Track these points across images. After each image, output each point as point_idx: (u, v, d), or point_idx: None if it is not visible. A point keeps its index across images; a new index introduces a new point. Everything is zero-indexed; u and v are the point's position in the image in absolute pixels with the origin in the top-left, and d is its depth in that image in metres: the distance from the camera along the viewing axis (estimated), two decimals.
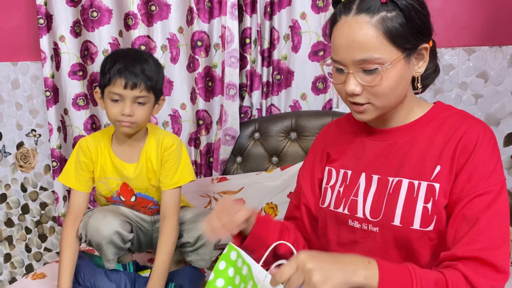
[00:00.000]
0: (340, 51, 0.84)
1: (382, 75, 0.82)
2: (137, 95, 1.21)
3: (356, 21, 0.82)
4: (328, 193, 0.99)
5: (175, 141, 1.35)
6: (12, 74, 2.15)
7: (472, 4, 1.72)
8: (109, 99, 1.23)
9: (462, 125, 0.87)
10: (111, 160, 1.33)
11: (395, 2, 0.81)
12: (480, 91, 1.76)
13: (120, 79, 1.19)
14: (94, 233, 1.26)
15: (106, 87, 1.23)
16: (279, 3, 1.79)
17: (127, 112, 1.21)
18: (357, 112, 0.89)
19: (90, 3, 1.89)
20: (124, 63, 1.20)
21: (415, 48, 0.85)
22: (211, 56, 1.82)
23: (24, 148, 2.21)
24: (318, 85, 1.83)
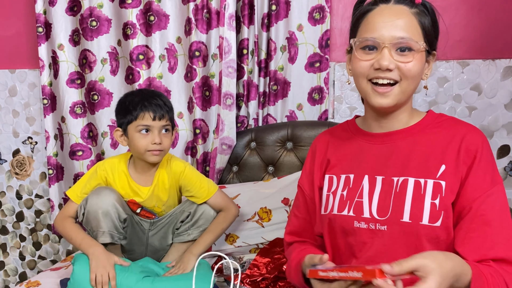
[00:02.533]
0: (380, 28, 0.89)
1: (414, 57, 0.89)
2: (164, 124, 1.37)
3: (398, 8, 0.91)
4: (330, 199, 1.00)
5: (185, 164, 1.48)
6: (10, 81, 2.15)
7: (466, 18, 1.75)
8: (136, 133, 1.36)
9: (459, 129, 0.94)
10: (129, 184, 1.44)
11: (425, 4, 0.93)
12: (474, 104, 1.78)
13: (148, 112, 1.34)
14: (93, 203, 1.34)
15: (131, 123, 1.36)
16: (276, 15, 1.81)
17: (158, 141, 1.35)
18: (381, 94, 0.91)
19: (90, 12, 1.91)
20: (147, 99, 1.36)
21: (431, 49, 0.94)
22: (209, 66, 1.84)
23: (20, 156, 2.21)
24: (314, 96, 1.85)
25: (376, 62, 0.89)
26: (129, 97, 1.41)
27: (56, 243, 2.23)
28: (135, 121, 1.35)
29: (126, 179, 1.44)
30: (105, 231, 1.35)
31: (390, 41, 0.88)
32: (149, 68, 1.91)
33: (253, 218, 1.61)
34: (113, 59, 1.95)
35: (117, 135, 1.41)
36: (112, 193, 1.37)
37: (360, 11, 0.94)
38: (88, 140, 2.00)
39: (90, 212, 1.35)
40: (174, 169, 1.45)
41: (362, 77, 0.92)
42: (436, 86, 1.79)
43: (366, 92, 0.93)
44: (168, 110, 1.38)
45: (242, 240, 1.60)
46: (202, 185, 1.46)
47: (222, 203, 1.48)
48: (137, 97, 1.38)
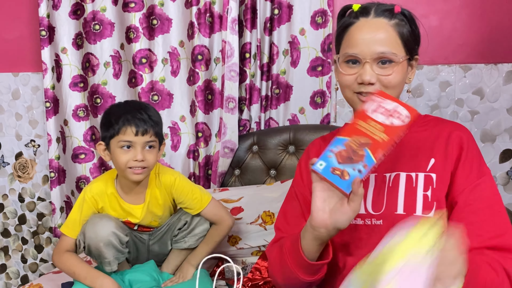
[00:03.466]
0: (360, 44, 0.93)
1: (394, 69, 0.93)
2: (147, 140, 1.28)
3: (377, 21, 0.94)
4: None
5: (174, 176, 1.41)
6: (13, 84, 2.16)
7: (468, 22, 1.76)
8: (118, 148, 1.28)
9: (446, 126, 0.98)
10: (119, 205, 1.38)
11: (404, 13, 0.96)
12: (476, 108, 1.78)
13: (130, 127, 1.25)
14: (92, 236, 1.29)
15: (113, 138, 1.28)
16: (279, 19, 1.82)
17: (140, 158, 1.26)
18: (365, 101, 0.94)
19: (93, 16, 1.92)
20: (130, 112, 1.27)
21: (411, 56, 0.98)
22: (211, 69, 1.85)
23: (22, 159, 2.21)
24: (316, 100, 1.85)
25: (359, 76, 0.93)
26: (114, 108, 1.34)
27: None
28: (117, 135, 1.27)
29: (117, 201, 1.38)
30: (110, 260, 1.32)
31: (371, 56, 0.92)
32: (152, 72, 1.91)
33: (256, 221, 1.61)
34: (116, 63, 1.96)
35: (100, 149, 1.34)
36: (108, 221, 1.31)
37: (342, 25, 0.99)
38: (91, 143, 2.01)
39: (91, 245, 1.31)
40: (164, 183, 1.39)
41: (348, 89, 0.97)
42: (438, 90, 1.80)
43: (352, 101, 0.97)
44: (154, 125, 1.29)
45: (244, 242, 1.60)
46: (194, 196, 1.41)
47: (216, 214, 1.44)
48: (122, 109, 1.30)
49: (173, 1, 1.86)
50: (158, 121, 1.32)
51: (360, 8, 0.97)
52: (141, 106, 1.31)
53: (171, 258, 1.49)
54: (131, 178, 1.30)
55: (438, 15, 1.77)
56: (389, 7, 0.96)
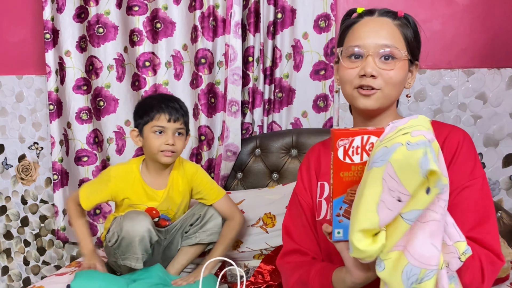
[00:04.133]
0: (364, 37, 0.95)
1: (397, 65, 0.93)
2: (178, 127, 1.41)
3: (382, 19, 0.97)
4: (323, 205, 1.02)
5: (197, 167, 1.53)
6: (17, 87, 2.17)
7: (471, 26, 1.76)
8: (151, 133, 1.40)
9: (443, 130, 0.98)
10: (143, 189, 1.45)
11: (407, 18, 0.98)
12: (479, 112, 1.78)
13: (164, 114, 1.39)
14: (129, 229, 1.34)
15: (147, 124, 1.40)
16: (282, 23, 1.82)
17: (171, 142, 1.39)
18: (365, 95, 0.95)
19: (97, 19, 1.93)
20: (164, 101, 1.41)
21: (413, 59, 0.99)
22: (214, 73, 1.85)
23: (25, 161, 2.22)
24: (319, 103, 1.85)
25: (361, 69, 0.93)
26: (148, 99, 1.48)
27: (60, 248, 2.23)
28: (151, 121, 1.40)
29: (141, 184, 1.45)
30: (139, 257, 1.35)
31: (374, 49, 0.93)
32: (155, 75, 1.92)
33: (257, 223, 1.61)
34: (119, 66, 1.96)
35: (133, 135, 1.45)
36: (146, 217, 1.36)
37: (347, 24, 1.01)
38: (94, 146, 2.01)
39: (125, 238, 1.34)
40: (187, 171, 1.49)
41: (349, 84, 0.96)
42: (441, 95, 1.80)
43: (352, 96, 0.97)
44: (184, 114, 1.43)
45: (246, 245, 1.60)
46: (212, 186, 1.51)
47: (228, 208, 1.51)
48: (155, 99, 1.43)
49: (176, 5, 1.87)
50: (187, 112, 1.45)
51: (365, 10, 0.99)
52: (174, 98, 1.46)
53: (177, 258, 1.51)
54: (161, 160, 1.40)
55: (441, 19, 1.77)
56: (392, 10, 0.98)
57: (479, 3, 1.75)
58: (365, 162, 0.75)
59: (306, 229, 1.07)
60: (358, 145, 0.76)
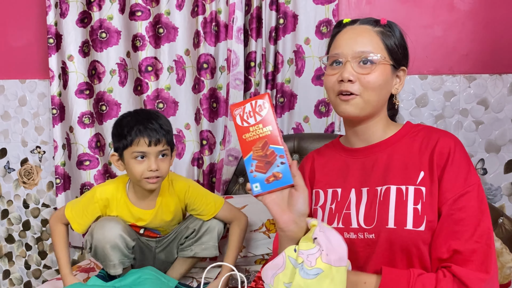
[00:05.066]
0: (343, 45, 0.98)
1: (375, 69, 0.95)
2: (160, 149, 1.30)
3: (361, 27, 0.99)
4: (319, 213, 1.03)
5: (188, 183, 1.45)
6: (20, 91, 2.18)
7: (473, 32, 1.76)
8: (132, 159, 1.29)
9: (433, 135, 0.98)
10: (129, 210, 1.39)
11: (390, 25, 1.00)
12: (481, 118, 1.78)
13: (143, 138, 1.27)
14: (100, 237, 1.31)
15: (126, 149, 1.30)
16: (284, 29, 1.83)
17: (154, 167, 1.28)
18: (345, 101, 0.96)
19: (100, 24, 1.94)
20: (142, 123, 1.28)
21: (398, 65, 1.00)
22: (216, 78, 1.86)
23: (28, 165, 2.22)
24: (321, 109, 1.85)
25: (339, 75, 0.96)
26: (124, 120, 1.33)
27: None
28: (130, 147, 1.28)
29: (127, 207, 1.39)
30: (115, 263, 1.33)
31: (351, 55, 0.95)
32: (158, 80, 1.93)
33: (260, 229, 1.61)
34: (122, 70, 1.97)
35: (114, 160, 1.35)
36: (117, 224, 1.33)
37: (332, 34, 1.05)
38: (96, 150, 2.02)
39: (97, 247, 1.32)
40: (178, 190, 1.42)
41: (332, 91, 0.99)
42: (442, 100, 1.80)
43: (334, 103, 0.99)
44: (165, 134, 1.30)
45: (248, 250, 1.60)
46: (208, 201, 1.43)
47: (230, 214, 1.47)
48: (132, 120, 1.31)
49: (179, 10, 1.88)
50: (169, 130, 1.33)
51: (350, 20, 1.02)
52: (152, 116, 1.32)
53: (176, 266, 1.49)
54: (146, 187, 1.32)
55: (443, 25, 1.77)
56: (375, 19, 1.00)
57: (480, 9, 1.75)
58: (259, 122, 0.87)
59: None
60: (250, 110, 0.88)
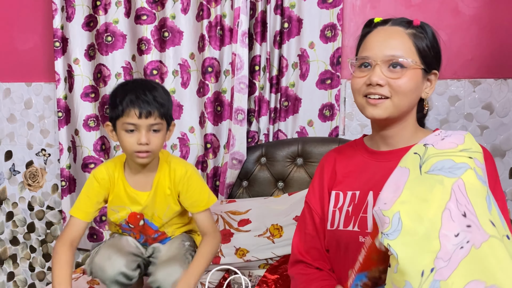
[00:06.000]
0: (373, 47, 0.96)
1: (405, 73, 0.92)
2: (152, 123, 1.20)
3: (393, 29, 0.97)
4: (336, 215, 1.02)
5: (187, 167, 1.33)
6: (26, 94, 2.20)
7: (478, 37, 1.76)
8: (123, 130, 1.21)
9: None
10: (125, 190, 1.31)
11: (424, 27, 0.97)
12: (486, 123, 1.78)
13: (134, 109, 1.18)
14: (98, 271, 1.27)
15: (118, 119, 1.22)
16: (288, 33, 1.84)
17: (144, 141, 1.19)
18: (372, 105, 0.95)
19: (105, 28, 1.95)
20: (135, 93, 1.20)
21: (429, 69, 0.96)
22: (221, 81, 1.87)
23: (33, 167, 2.24)
24: (325, 113, 1.86)
25: (368, 78, 0.94)
26: (119, 88, 1.25)
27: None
28: (121, 117, 1.20)
29: (123, 185, 1.31)
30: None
31: (381, 59, 0.94)
32: (163, 83, 1.93)
33: (264, 234, 1.61)
34: (127, 74, 1.98)
35: (108, 130, 1.28)
36: (118, 258, 1.25)
37: (362, 34, 1.02)
38: (101, 153, 2.03)
39: (98, 278, 1.29)
40: (175, 171, 1.31)
41: (358, 93, 0.97)
42: (447, 105, 1.80)
43: (361, 105, 0.98)
44: (158, 106, 1.20)
45: (252, 254, 1.60)
46: (203, 191, 1.32)
47: (210, 223, 1.33)
48: (127, 89, 1.22)
49: (184, 14, 1.89)
50: (164, 103, 1.22)
51: (381, 20, 1.00)
52: (147, 87, 1.22)
53: None
54: (136, 161, 1.25)
55: (448, 30, 1.77)
56: (408, 20, 0.98)
57: (485, 14, 1.75)
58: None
59: (314, 239, 1.09)
60: None
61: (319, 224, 1.08)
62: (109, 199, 1.33)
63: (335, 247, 1.02)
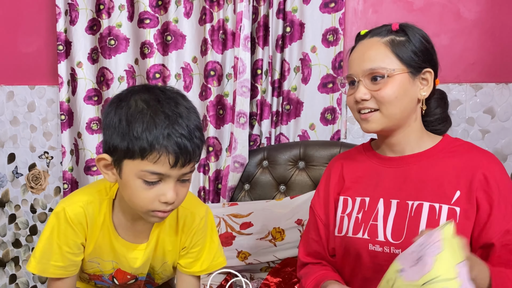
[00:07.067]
0: (353, 65, 0.98)
1: (387, 82, 0.92)
2: (186, 172, 0.82)
3: (369, 41, 0.97)
4: (345, 221, 1.01)
5: (201, 213, 0.98)
6: (29, 97, 2.21)
7: (479, 41, 1.77)
8: (138, 179, 0.81)
9: (475, 155, 0.94)
10: (110, 241, 0.94)
11: (404, 29, 0.95)
12: (487, 127, 1.78)
13: (168, 154, 0.77)
14: None
15: (131, 159, 0.80)
16: (291, 37, 1.84)
17: (172, 199, 0.81)
18: (364, 120, 0.96)
19: (108, 31, 1.96)
20: (168, 125, 0.78)
21: (419, 69, 0.95)
22: (223, 85, 1.87)
23: (36, 170, 2.24)
24: (327, 116, 1.86)
25: (354, 96, 0.96)
26: (135, 110, 0.80)
27: None
28: (140, 160, 0.79)
29: (109, 235, 0.93)
30: None
31: (362, 74, 0.95)
32: None
33: (266, 237, 1.61)
34: (130, 77, 1.99)
35: (101, 165, 0.85)
36: None
37: (349, 51, 1.03)
38: None
39: None
40: (186, 219, 0.96)
41: (353, 109, 0.99)
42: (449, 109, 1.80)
43: (357, 120, 1.00)
44: (200, 145, 0.83)
45: (254, 257, 1.60)
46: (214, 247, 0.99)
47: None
48: (150, 116, 0.78)
49: (187, 18, 1.90)
50: (203, 136, 0.85)
51: (366, 32, 1.00)
52: (181, 113, 0.80)
53: None
54: (149, 220, 0.87)
55: (450, 34, 1.78)
56: (387, 27, 0.97)
57: (487, 18, 1.76)
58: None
59: (317, 244, 1.09)
60: None
61: (323, 229, 1.08)
62: (86, 247, 0.94)
63: (343, 253, 1.01)
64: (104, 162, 0.84)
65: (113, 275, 1.00)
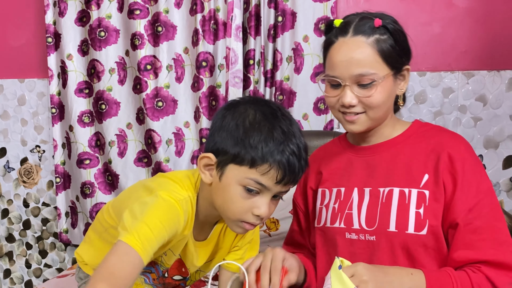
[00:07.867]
0: (338, 67, 0.92)
1: (376, 88, 0.90)
2: (285, 190, 0.86)
3: (354, 41, 0.91)
4: (323, 212, 1.03)
5: None
6: (19, 90, 2.18)
7: (471, 29, 1.77)
8: (240, 186, 0.82)
9: (441, 137, 0.95)
10: (186, 244, 0.96)
11: (386, 26, 0.92)
12: (479, 114, 1.79)
13: (279, 169, 0.81)
14: None
15: (237, 165, 0.82)
16: (283, 26, 1.83)
17: (266, 214, 0.84)
18: (349, 122, 0.95)
19: (98, 23, 1.94)
20: (284, 138, 0.82)
21: (400, 68, 0.94)
22: (215, 76, 1.86)
23: (27, 164, 2.23)
24: (320, 106, 1.86)
25: (340, 99, 0.93)
26: (252, 117, 0.84)
27: (62, 251, 2.24)
28: (247, 168, 0.81)
29: (188, 233, 0.92)
30: None
31: (349, 79, 0.91)
32: (157, 78, 1.93)
33: (261, 227, 1.62)
34: (121, 69, 1.97)
35: (202, 164, 0.86)
36: None
37: (325, 43, 0.98)
38: (96, 149, 2.02)
39: None
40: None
41: (334, 109, 0.97)
42: (441, 97, 1.80)
43: (339, 120, 0.98)
44: (305, 167, 0.87)
45: None
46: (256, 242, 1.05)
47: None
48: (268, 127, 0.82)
49: (178, 9, 1.88)
50: (308, 163, 0.89)
51: (341, 24, 0.94)
52: (295, 132, 0.85)
53: None
54: (234, 229, 0.89)
55: (441, 22, 1.78)
56: (369, 22, 0.91)
57: (479, 6, 1.76)
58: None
59: (297, 234, 1.12)
60: None
61: (303, 219, 1.10)
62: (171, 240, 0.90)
63: (322, 244, 1.03)
64: (207, 161, 0.86)
65: (168, 269, 0.99)
